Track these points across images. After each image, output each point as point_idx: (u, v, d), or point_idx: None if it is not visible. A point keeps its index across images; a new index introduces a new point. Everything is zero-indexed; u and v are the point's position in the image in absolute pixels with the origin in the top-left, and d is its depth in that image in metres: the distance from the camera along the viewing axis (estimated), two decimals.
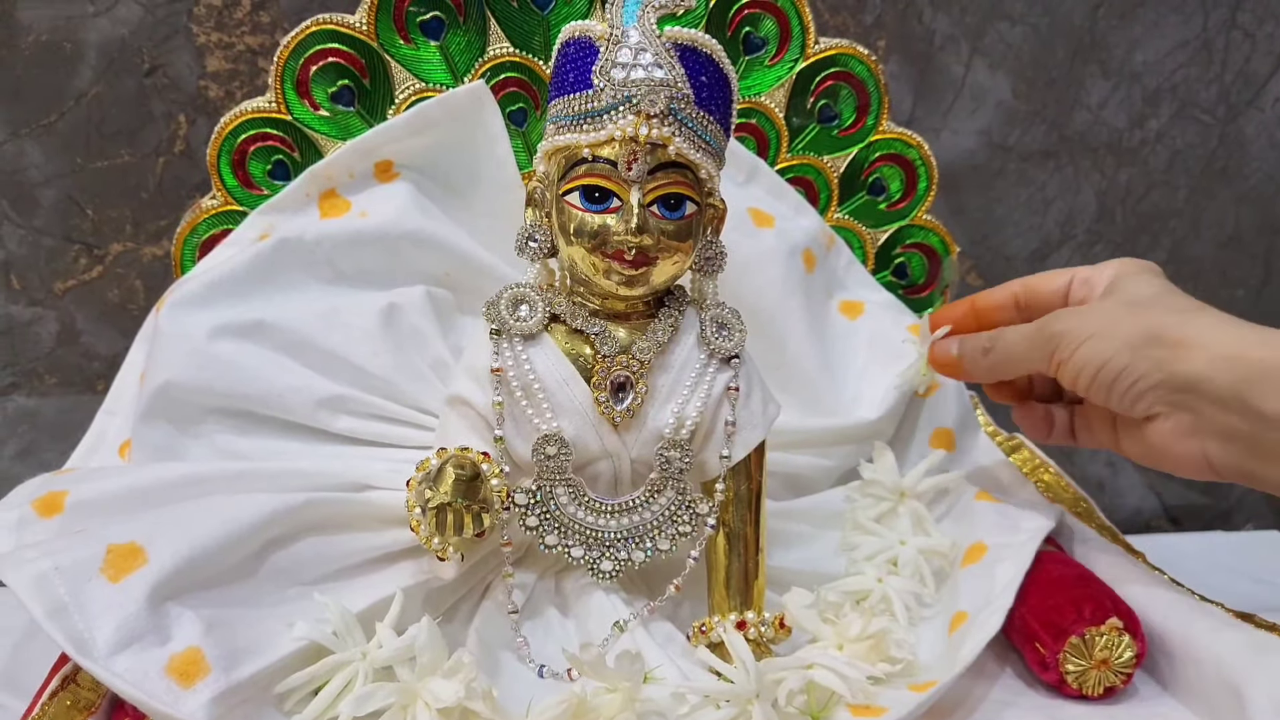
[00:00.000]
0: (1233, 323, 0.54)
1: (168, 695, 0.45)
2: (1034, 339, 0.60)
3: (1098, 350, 0.56)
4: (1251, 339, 0.52)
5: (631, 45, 0.52)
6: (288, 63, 0.66)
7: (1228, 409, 0.52)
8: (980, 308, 0.66)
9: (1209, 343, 0.53)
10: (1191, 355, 0.53)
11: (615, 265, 0.53)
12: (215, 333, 0.61)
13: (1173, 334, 0.54)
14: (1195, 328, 0.54)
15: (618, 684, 0.49)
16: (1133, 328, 0.55)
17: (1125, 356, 0.55)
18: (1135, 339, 0.55)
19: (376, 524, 0.56)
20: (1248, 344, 0.52)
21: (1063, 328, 0.58)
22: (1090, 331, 0.57)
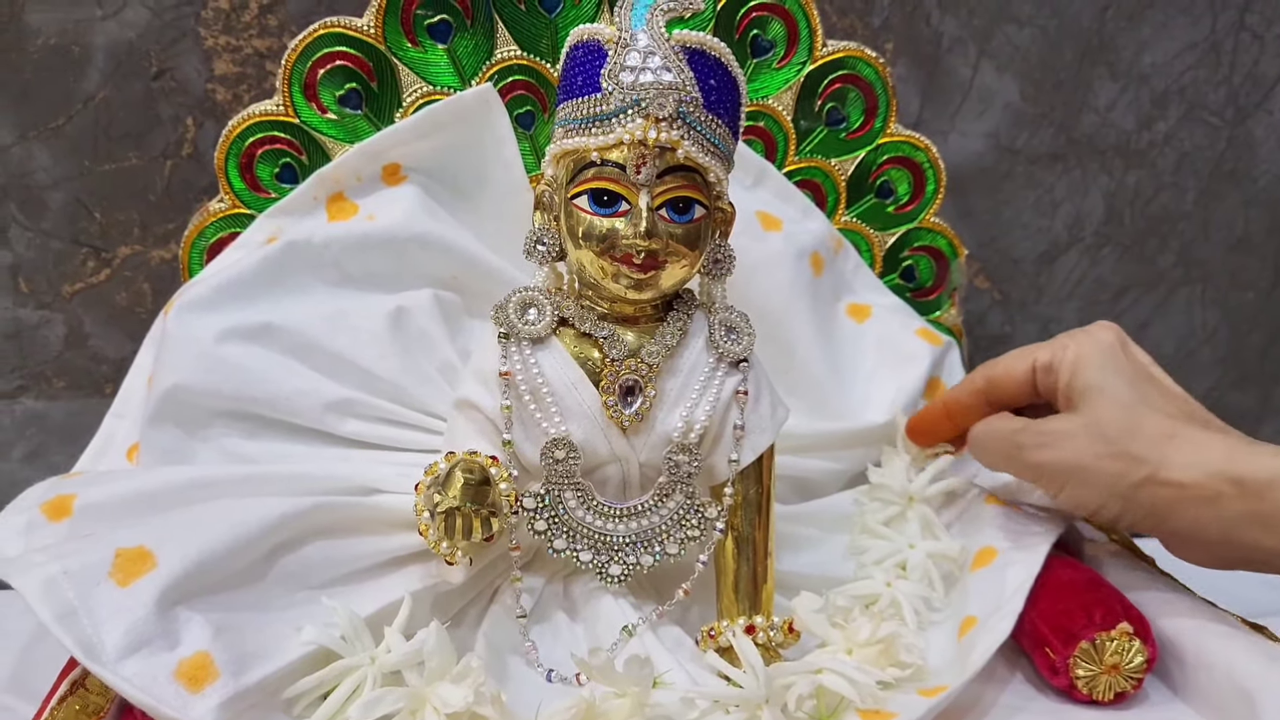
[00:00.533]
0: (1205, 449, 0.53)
1: (176, 700, 0.44)
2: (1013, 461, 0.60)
3: (1085, 495, 0.56)
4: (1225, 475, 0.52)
5: (640, 49, 0.52)
6: (295, 66, 0.67)
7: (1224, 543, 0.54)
8: (951, 409, 0.66)
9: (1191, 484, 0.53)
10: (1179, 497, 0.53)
11: (624, 269, 0.53)
12: (223, 336, 0.61)
13: (1158, 476, 0.53)
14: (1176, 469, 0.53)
15: (626, 689, 0.49)
16: (1115, 469, 0.54)
17: (1116, 504, 0.55)
18: (1121, 486, 0.55)
19: (384, 528, 0.56)
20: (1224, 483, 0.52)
21: (1042, 461, 0.58)
22: (1070, 471, 0.56)
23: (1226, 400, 0.96)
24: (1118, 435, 0.55)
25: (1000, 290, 0.91)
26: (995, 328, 0.92)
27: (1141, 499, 0.54)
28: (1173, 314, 0.94)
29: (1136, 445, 0.54)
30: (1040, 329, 0.92)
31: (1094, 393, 0.57)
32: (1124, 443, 0.55)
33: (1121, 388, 0.57)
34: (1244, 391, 0.97)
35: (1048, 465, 0.57)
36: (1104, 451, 0.55)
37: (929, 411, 0.67)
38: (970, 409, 0.64)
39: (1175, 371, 0.60)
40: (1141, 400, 0.56)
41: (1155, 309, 0.94)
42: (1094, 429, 0.56)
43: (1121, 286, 0.93)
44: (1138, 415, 0.55)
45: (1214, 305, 0.94)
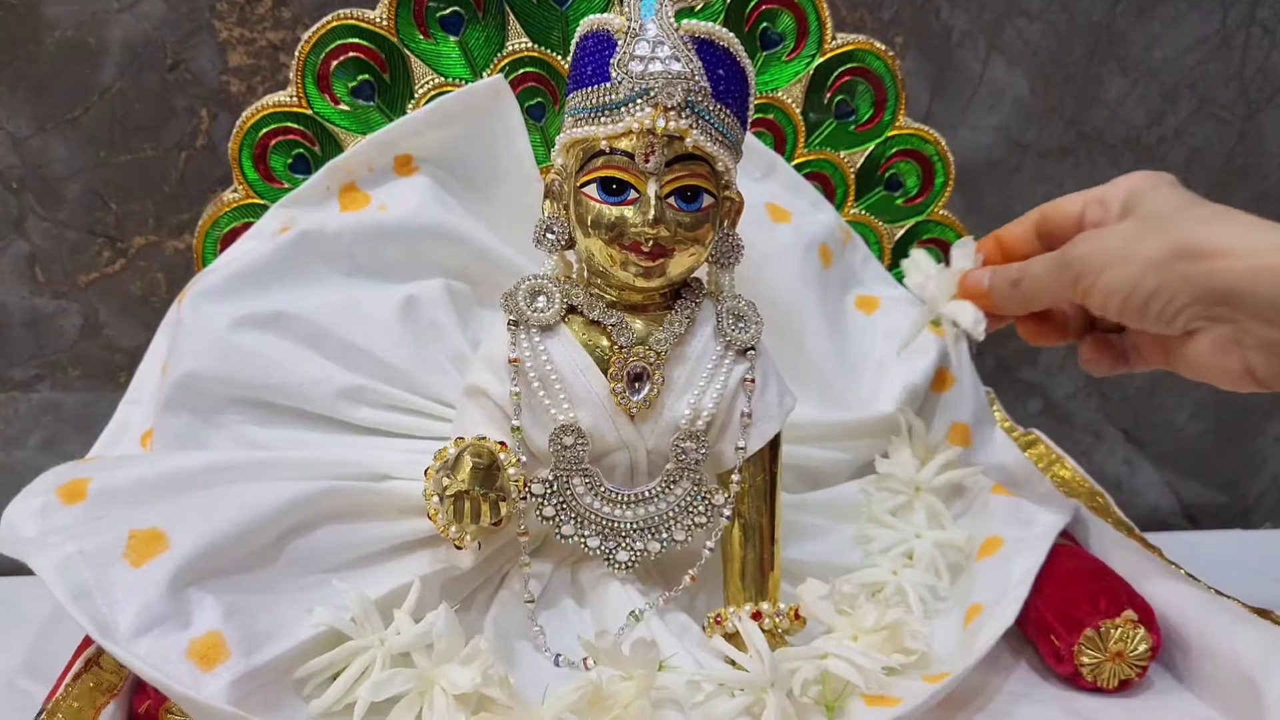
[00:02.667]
0: (1264, 227, 0.52)
1: (189, 678, 0.45)
2: (1057, 268, 0.58)
3: (1122, 275, 0.54)
4: (1273, 245, 0.50)
5: (649, 38, 0.52)
6: (309, 58, 0.67)
7: (1267, 320, 0.50)
8: (1005, 242, 0.66)
9: (1243, 251, 0.50)
10: (1226, 266, 0.51)
11: (632, 257, 0.54)
12: (237, 324, 0.61)
13: (1202, 245, 0.51)
14: (1225, 236, 0.51)
15: (633, 671, 0.49)
16: (1157, 246, 0.53)
17: (1152, 278, 0.53)
18: (1160, 257, 0.53)
19: (395, 513, 0.57)
20: (1273, 251, 0.50)
21: (1081, 253, 0.56)
22: (1111, 256, 0.55)
23: (1236, 395, 0.96)
24: (1165, 219, 0.54)
25: None
26: None
27: (1182, 270, 0.52)
28: None
29: (1183, 223, 0.53)
30: None
31: (1144, 197, 0.56)
32: (1171, 223, 0.54)
33: (1175, 194, 0.56)
34: None
35: (1090, 255, 0.56)
36: (1147, 232, 0.54)
37: (982, 244, 0.67)
38: (1022, 239, 0.64)
39: None
40: (1190, 201, 0.55)
41: None
42: (1139, 220, 0.55)
43: None
44: (1188, 205, 0.55)
45: None
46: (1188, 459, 0.97)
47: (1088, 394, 0.95)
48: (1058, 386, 0.94)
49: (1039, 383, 0.94)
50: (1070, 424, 0.95)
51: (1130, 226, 0.56)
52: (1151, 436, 0.97)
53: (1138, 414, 0.96)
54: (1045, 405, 0.94)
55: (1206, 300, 0.52)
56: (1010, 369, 0.93)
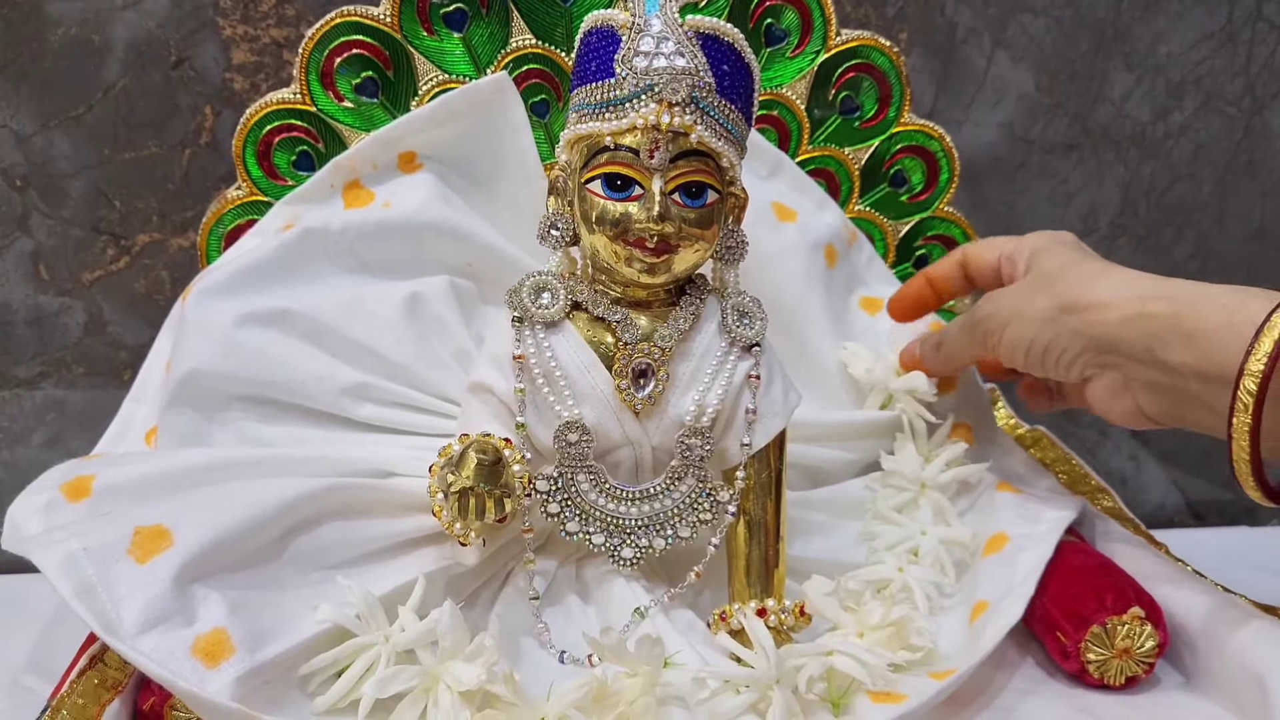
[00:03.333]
0: (1137, 278, 0.56)
1: (193, 674, 0.45)
2: (967, 329, 0.64)
3: (1020, 332, 0.59)
4: (1154, 293, 0.55)
5: (654, 34, 0.52)
6: (312, 55, 0.67)
7: (1145, 364, 0.55)
8: (933, 280, 0.69)
9: (1118, 302, 0.55)
10: (1104, 317, 0.56)
11: (637, 253, 0.53)
12: (241, 321, 0.61)
13: (1083, 300, 0.57)
14: (1103, 290, 0.56)
15: (638, 668, 0.49)
16: (1046, 302, 0.58)
17: (1047, 332, 0.58)
18: (1049, 313, 0.58)
19: (399, 510, 0.57)
20: (1150, 299, 0.54)
21: (986, 313, 0.62)
22: (1010, 314, 0.60)
23: None
24: (1052, 277, 0.59)
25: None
26: None
27: (1069, 324, 0.57)
28: None
29: (1068, 280, 0.58)
30: None
31: (1040, 256, 0.61)
32: (1057, 281, 0.59)
33: (1066, 253, 0.61)
34: None
35: (993, 315, 0.61)
36: (1038, 289, 0.59)
37: (911, 284, 0.70)
38: (949, 279, 0.68)
39: None
40: (1080, 258, 0.60)
41: None
42: (1034, 279, 0.60)
43: None
44: (1074, 263, 0.60)
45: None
46: (1193, 456, 0.97)
47: None
48: None
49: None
50: (1076, 421, 0.95)
51: (1025, 285, 0.61)
52: (1157, 433, 0.96)
53: None
54: None
55: (1094, 349, 0.57)
56: None
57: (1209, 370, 0.52)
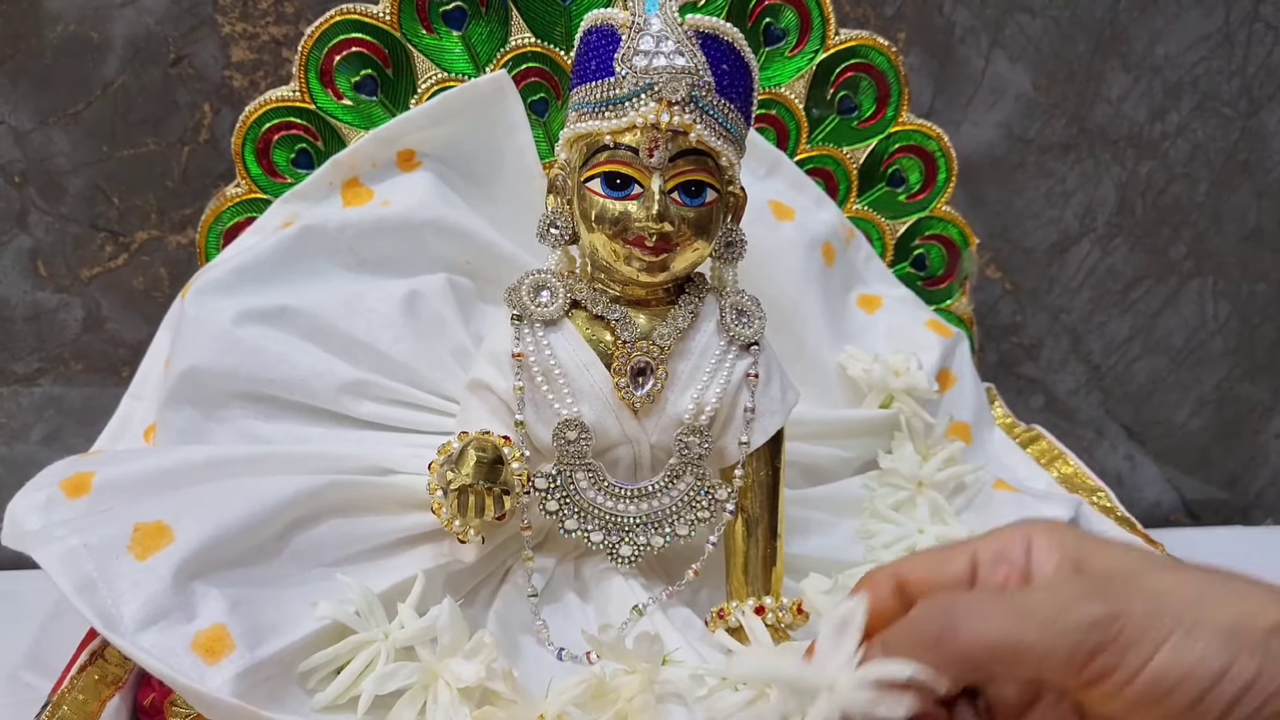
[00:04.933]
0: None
1: (194, 670, 0.45)
2: (1062, 628, 0.33)
3: (1203, 653, 0.33)
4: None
5: (653, 33, 0.52)
6: (312, 52, 0.67)
7: None
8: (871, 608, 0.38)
9: None
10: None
11: (636, 252, 0.54)
12: (240, 318, 0.61)
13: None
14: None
15: (637, 665, 0.49)
16: (1244, 609, 0.33)
17: (1251, 661, 0.33)
18: (1253, 631, 0.33)
19: (398, 507, 0.57)
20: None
21: (1117, 609, 0.33)
22: (1176, 616, 0.33)
23: (1237, 392, 0.96)
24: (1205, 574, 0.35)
25: (1011, 280, 0.91)
26: (1006, 317, 0.92)
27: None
28: (1184, 305, 0.94)
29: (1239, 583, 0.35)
30: (1051, 319, 0.92)
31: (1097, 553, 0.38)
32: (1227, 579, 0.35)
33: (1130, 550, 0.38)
34: (1255, 383, 0.96)
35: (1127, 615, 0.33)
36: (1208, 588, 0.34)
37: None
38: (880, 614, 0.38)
39: (1186, 363, 0.59)
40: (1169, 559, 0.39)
41: (1166, 300, 0.94)
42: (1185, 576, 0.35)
43: (1133, 277, 0.93)
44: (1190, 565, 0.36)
45: (1225, 297, 0.94)
46: (1189, 455, 0.97)
47: (1089, 390, 0.95)
48: (1060, 382, 0.94)
49: (1041, 379, 0.94)
50: (1072, 420, 0.95)
51: (1198, 576, 0.35)
52: (1153, 433, 0.97)
53: (1139, 410, 0.96)
54: (1047, 401, 0.94)
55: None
56: (1012, 365, 0.93)
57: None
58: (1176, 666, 0.33)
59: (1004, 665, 0.35)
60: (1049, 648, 0.33)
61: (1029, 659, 0.34)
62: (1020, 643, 0.34)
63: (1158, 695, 0.33)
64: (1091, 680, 0.33)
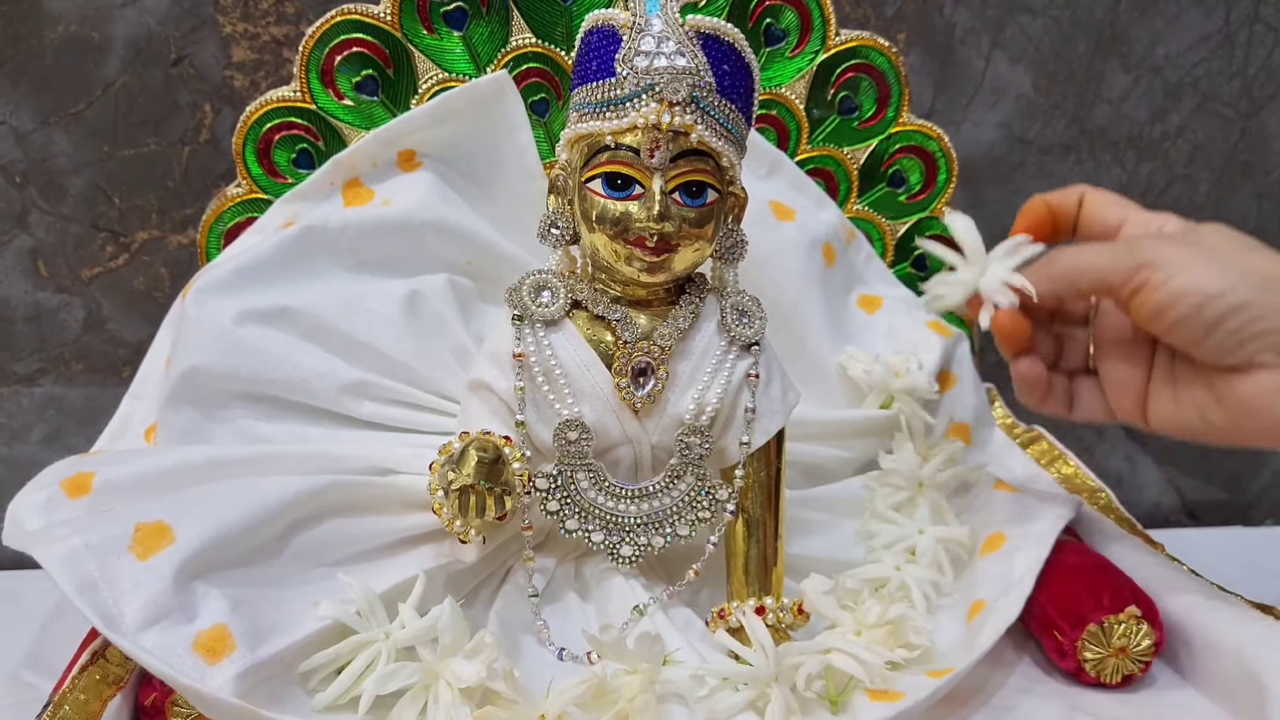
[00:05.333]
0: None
1: (195, 670, 0.45)
2: (1117, 250, 0.52)
3: (1207, 280, 0.49)
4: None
5: (654, 33, 0.52)
6: (312, 53, 0.67)
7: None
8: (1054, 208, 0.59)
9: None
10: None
11: (637, 252, 0.54)
12: (241, 318, 0.61)
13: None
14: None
15: (638, 665, 0.49)
16: (1249, 265, 0.49)
17: (1241, 291, 0.48)
18: (1254, 276, 0.49)
19: (399, 507, 0.57)
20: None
21: (1162, 251, 0.51)
22: (1194, 258, 0.50)
23: None
24: (1251, 248, 0.51)
25: None
26: None
27: (1272, 294, 0.49)
28: None
29: (1268, 255, 0.51)
30: None
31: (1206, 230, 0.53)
32: (1254, 250, 0.51)
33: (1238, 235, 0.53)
34: None
35: (1170, 254, 0.50)
36: (1241, 248, 0.51)
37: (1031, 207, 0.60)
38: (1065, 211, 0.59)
39: None
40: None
41: None
42: (1228, 238, 0.52)
43: None
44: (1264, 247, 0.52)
45: None
46: (1189, 456, 0.97)
47: None
48: None
49: None
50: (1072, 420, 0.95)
51: (1212, 245, 0.51)
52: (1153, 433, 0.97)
53: None
54: None
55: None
56: None
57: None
58: (1188, 284, 0.50)
59: (1084, 279, 0.53)
60: (1111, 268, 0.52)
61: (1098, 275, 0.53)
62: (1094, 265, 0.53)
63: (1172, 302, 0.50)
64: (1135, 290, 0.51)
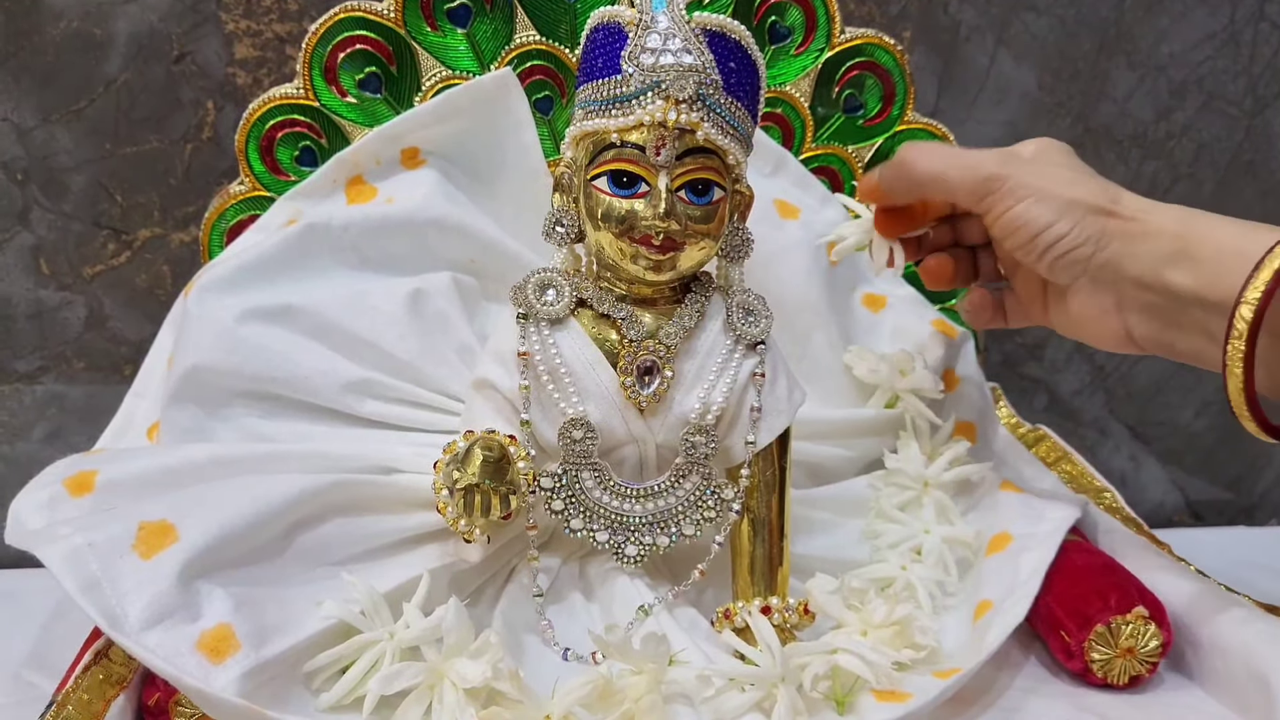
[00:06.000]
0: (1155, 204, 0.56)
1: (199, 670, 0.45)
2: (968, 175, 0.59)
3: (1039, 212, 0.56)
4: (1171, 215, 0.55)
5: (660, 31, 0.52)
6: (315, 50, 0.67)
7: (1146, 286, 0.55)
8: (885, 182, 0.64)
9: (1139, 217, 0.55)
10: (1125, 229, 0.55)
11: (643, 250, 0.53)
12: (243, 316, 0.61)
13: (1110, 206, 0.56)
14: (1129, 202, 0.56)
15: (643, 666, 0.49)
16: (1077, 193, 0.56)
17: (1066, 222, 0.56)
18: (1077, 206, 0.56)
19: (402, 507, 0.57)
20: (1167, 220, 0.55)
21: (1005, 173, 0.58)
22: (1032, 189, 0.57)
23: None
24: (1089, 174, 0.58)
25: None
26: None
27: (1093, 223, 0.56)
28: None
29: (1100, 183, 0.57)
30: None
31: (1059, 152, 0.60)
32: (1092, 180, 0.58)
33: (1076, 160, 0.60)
34: None
35: (1015, 178, 0.58)
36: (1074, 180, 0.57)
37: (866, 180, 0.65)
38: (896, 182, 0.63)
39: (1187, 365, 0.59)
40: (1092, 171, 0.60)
41: None
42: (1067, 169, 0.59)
43: None
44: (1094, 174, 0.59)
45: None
46: (1193, 455, 0.97)
47: (1093, 390, 0.95)
48: (1063, 383, 0.94)
49: (1045, 379, 0.94)
50: (1076, 420, 0.95)
51: (1052, 168, 0.58)
52: (1157, 433, 0.96)
53: (1143, 410, 0.96)
54: (1051, 401, 0.94)
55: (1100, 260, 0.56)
56: (1016, 365, 0.93)
57: (1210, 295, 0.52)
58: (1024, 214, 0.57)
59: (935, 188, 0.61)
60: (961, 181, 0.59)
61: (948, 186, 0.60)
62: (945, 174, 0.60)
63: (1013, 229, 0.57)
64: (982, 210, 0.59)
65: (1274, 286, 0.49)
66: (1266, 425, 0.52)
